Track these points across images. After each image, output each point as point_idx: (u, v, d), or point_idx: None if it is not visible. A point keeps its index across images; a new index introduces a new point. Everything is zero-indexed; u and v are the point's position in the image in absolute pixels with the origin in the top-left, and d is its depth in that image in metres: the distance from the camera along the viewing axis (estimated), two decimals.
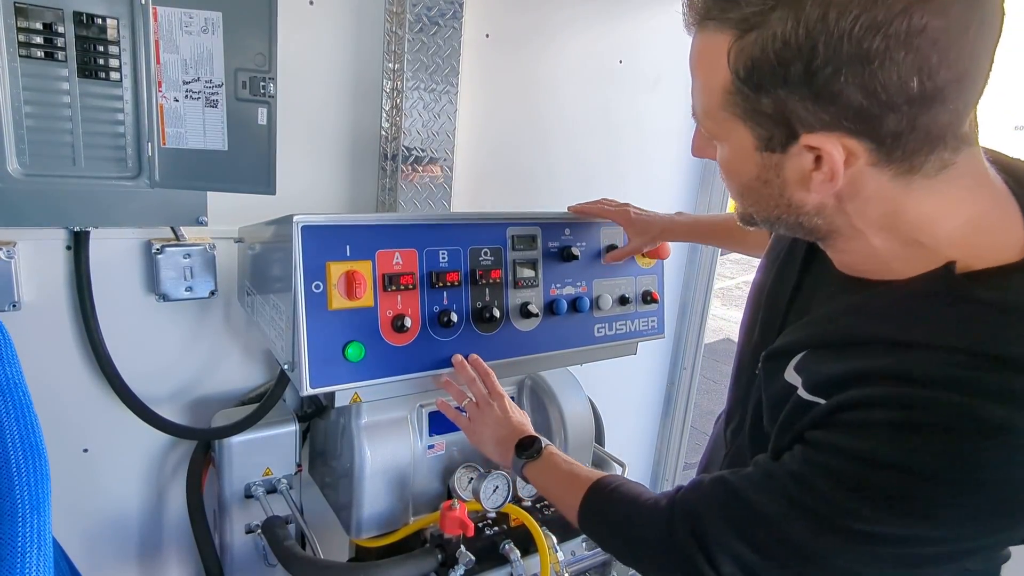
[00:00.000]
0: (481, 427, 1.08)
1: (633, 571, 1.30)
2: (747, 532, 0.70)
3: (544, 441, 1.01)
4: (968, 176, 0.63)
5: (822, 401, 0.68)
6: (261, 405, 1.27)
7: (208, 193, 1.26)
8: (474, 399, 1.10)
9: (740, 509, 0.71)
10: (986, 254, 0.63)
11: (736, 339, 0.97)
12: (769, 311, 0.86)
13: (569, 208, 1.27)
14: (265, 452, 1.32)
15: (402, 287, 1.05)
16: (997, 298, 0.60)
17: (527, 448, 1.00)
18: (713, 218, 1.34)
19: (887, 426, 0.61)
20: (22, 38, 1.05)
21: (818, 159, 0.61)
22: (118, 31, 1.11)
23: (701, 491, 0.76)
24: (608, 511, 0.87)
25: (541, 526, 1.16)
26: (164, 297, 1.31)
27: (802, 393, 0.70)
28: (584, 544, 1.26)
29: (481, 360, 1.12)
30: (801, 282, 0.82)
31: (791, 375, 0.74)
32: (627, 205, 1.27)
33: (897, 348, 0.64)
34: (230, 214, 1.31)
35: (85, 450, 1.35)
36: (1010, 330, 0.59)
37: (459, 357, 1.11)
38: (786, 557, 0.68)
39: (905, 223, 0.65)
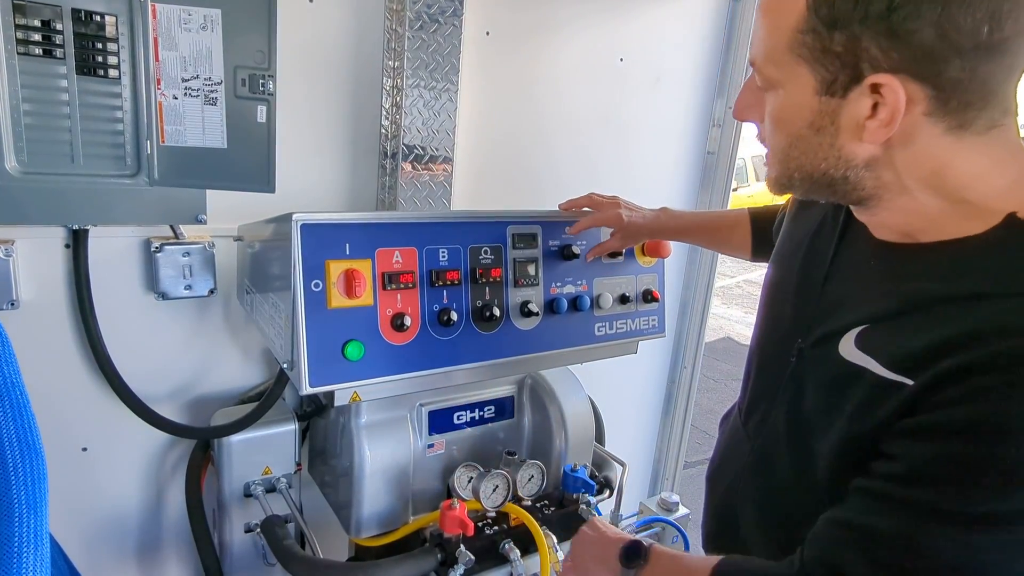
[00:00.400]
0: (584, 562, 1.00)
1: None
2: (889, 563, 0.64)
3: (646, 541, 0.91)
4: (1012, 141, 0.66)
5: (907, 381, 0.65)
6: (260, 404, 1.27)
7: (207, 191, 1.25)
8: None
9: (872, 542, 0.66)
10: None
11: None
12: (802, 300, 0.85)
13: (560, 207, 1.27)
14: (264, 451, 1.31)
15: (402, 286, 1.04)
16: None
17: (633, 556, 0.90)
18: (698, 216, 1.34)
19: (1002, 388, 0.59)
20: (20, 35, 1.05)
21: (874, 107, 0.63)
22: (116, 28, 1.10)
23: (823, 541, 0.71)
24: None
25: (541, 525, 1.16)
26: (163, 295, 1.30)
27: (881, 372, 0.68)
28: None
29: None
30: (831, 269, 0.82)
31: (854, 355, 0.72)
32: (615, 199, 1.25)
33: (979, 303, 0.64)
34: (229, 212, 1.30)
35: (84, 449, 1.34)
36: None
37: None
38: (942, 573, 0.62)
39: (952, 180, 0.66)
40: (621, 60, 1.78)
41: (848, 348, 0.73)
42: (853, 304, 0.76)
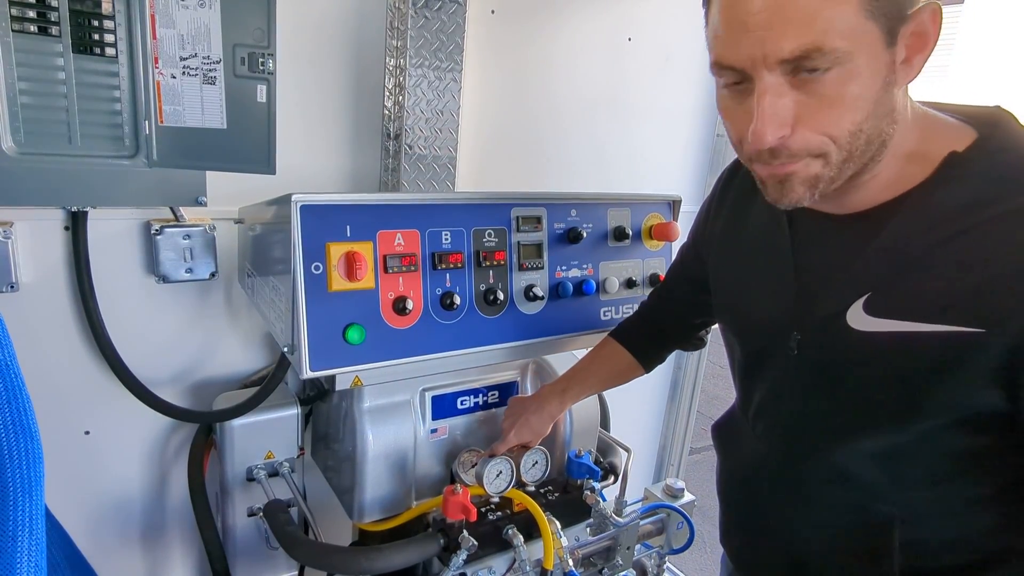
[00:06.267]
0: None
1: (637, 558, 1.28)
2: None
3: None
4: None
5: (975, 329, 0.64)
6: (262, 388, 1.26)
7: (207, 173, 1.24)
8: None
9: None
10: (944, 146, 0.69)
11: None
12: (778, 299, 0.84)
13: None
14: (267, 435, 1.31)
15: (404, 268, 1.02)
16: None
17: None
18: (577, 376, 1.22)
19: None
20: (15, 12, 1.03)
21: (908, 44, 0.64)
22: (113, 5, 1.08)
23: None
24: None
25: (545, 511, 1.15)
26: (164, 279, 1.29)
27: (916, 327, 0.67)
28: (588, 529, 1.24)
29: None
30: (797, 261, 0.82)
31: (872, 324, 0.71)
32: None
33: (978, 231, 0.65)
34: (230, 194, 1.29)
35: (87, 432, 1.34)
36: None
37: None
38: None
39: (911, 124, 0.70)
40: (629, 39, 1.74)
41: (859, 319, 0.72)
42: (841, 281, 0.75)
